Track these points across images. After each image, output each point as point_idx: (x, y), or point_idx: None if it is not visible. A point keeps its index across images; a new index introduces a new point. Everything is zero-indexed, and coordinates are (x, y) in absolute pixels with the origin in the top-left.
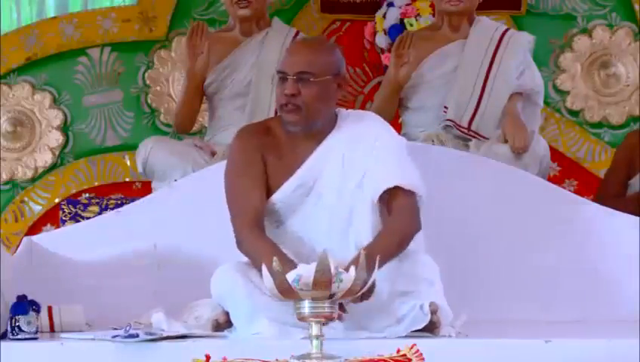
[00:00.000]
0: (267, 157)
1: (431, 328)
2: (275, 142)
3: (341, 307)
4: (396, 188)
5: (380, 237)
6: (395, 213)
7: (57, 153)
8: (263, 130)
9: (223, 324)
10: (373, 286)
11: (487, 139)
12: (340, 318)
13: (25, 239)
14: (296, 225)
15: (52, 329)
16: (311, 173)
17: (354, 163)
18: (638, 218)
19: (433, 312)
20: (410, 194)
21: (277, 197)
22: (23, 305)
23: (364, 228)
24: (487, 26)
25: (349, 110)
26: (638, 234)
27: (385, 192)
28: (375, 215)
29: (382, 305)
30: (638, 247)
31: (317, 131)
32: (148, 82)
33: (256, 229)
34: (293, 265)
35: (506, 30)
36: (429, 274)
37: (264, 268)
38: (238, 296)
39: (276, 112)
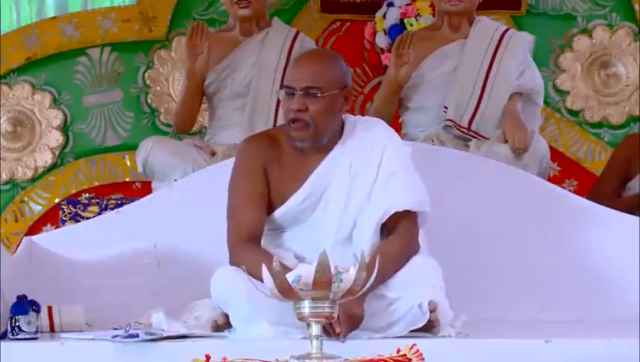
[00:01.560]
0: (270, 170)
1: (430, 327)
2: (280, 153)
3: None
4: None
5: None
6: (395, 234)
7: (57, 153)
8: (267, 141)
9: (222, 326)
10: (361, 318)
11: (487, 139)
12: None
13: (25, 239)
14: (302, 233)
15: (52, 329)
16: (319, 185)
17: (362, 171)
18: (638, 218)
19: (432, 311)
20: (413, 214)
21: (283, 209)
22: (23, 305)
23: (365, 237)
24: (487, 26)
25: (357, 116)
26: (638, 234)
27: None
28: (377, 228)
29: (382, 306)
30: (638, 247)
31: (324, 142)
32: (148, 82)
33: (250, 244)
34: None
35: (506, 30)
36: (430, 274)
37: (264, 269)
38: (238, 299)
39: (276, 113)
